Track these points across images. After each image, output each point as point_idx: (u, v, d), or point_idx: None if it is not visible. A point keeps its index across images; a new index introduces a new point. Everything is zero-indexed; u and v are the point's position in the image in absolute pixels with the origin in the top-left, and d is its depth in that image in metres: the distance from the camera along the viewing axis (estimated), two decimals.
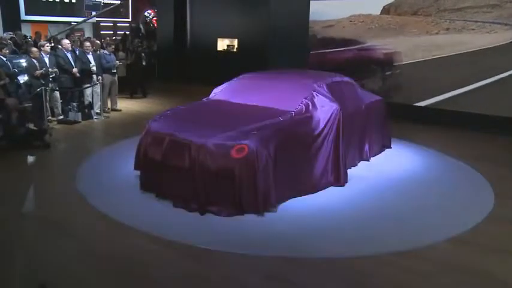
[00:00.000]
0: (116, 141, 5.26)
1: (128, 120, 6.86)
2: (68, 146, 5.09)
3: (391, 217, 3.25)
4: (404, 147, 5.32)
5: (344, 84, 4.54)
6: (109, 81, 7.20)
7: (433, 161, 4.80)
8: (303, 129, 3.57)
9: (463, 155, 4.90)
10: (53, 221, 3.04)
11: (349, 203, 3.48)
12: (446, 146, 5.36)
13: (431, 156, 4.98)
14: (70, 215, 3.14)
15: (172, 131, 3.35)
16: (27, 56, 5.94)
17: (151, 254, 2.63)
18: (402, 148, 5.27)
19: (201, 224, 3.03)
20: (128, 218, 3.06)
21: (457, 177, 4.26)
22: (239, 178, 3.06)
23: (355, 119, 4.21)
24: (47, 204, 3.35)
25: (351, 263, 2.59)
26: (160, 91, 10.02)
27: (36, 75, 5.70)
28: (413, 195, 3.72)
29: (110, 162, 4.42)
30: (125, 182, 3.78)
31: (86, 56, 6.55)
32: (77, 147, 5.03)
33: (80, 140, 5.44)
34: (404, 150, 5.17)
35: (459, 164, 4.68)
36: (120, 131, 5.96)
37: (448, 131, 6.28)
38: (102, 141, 5.42)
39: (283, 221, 3.11)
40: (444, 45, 6.70)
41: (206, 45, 11.46)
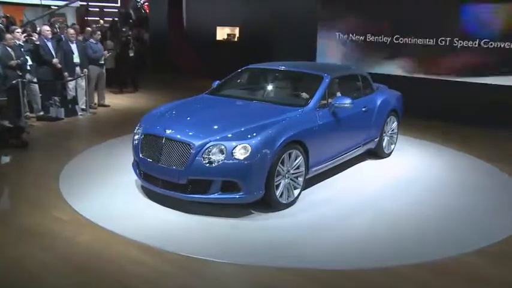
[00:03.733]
0: (103, 140, 5.26)
1: (117, 117, 6.87)
2: (48, 146, 5.08)
3: (409, 225, 3.23)
4: (427, 146, 5.31)
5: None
6: (96, 73, 7.21)
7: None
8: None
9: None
10: (30, 228, 3.03)
11: (359, 208, 3.48)
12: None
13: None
14: (50, 221, 3.14)
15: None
16: (1, 43, 5.74)
17: (143, 266, 2.62)
18: (424, 147, 5.26)
19: (198, 232, 3.03)
20: (117, 225, 3.05)
21: (482, 180, 4.27)
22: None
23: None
24: (23, 209, 3.34)
25: (362, 276, 2.58)
26: (153, 85, 10.05)
27: (11, 65, 5.54)
28: (433, 200, 3.72)
29: (97, 163, 4.42)
30: (114, 186, 3.78)
31: (69, 45, 6.52)
32: (59, 146, 5.02)
33: (63, 138, 5.43)
34: (427, 149, 5.18)
35: (483, 165, 4.69)
36: (108, 129, 5.97)
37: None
38: (88, 140, 5.41)
39: (288, 228, 3.11)
40: None
41: (204, 34, 11.47)
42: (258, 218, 3.28)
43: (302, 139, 3.45)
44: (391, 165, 4.70)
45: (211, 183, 3.16)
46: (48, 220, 3.16)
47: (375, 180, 4.22)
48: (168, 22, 11.74)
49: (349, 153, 4.29)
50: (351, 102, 3.81)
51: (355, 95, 4.44)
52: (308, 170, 3.61)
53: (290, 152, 3.37)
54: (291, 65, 4.70)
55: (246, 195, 3.17)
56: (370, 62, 7.52)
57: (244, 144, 3.14)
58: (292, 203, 3.49)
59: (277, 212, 3.36)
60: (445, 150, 5.40)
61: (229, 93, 4.30)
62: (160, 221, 3.17)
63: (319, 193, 3.79)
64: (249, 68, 4.70)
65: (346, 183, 4.09)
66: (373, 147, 4.73)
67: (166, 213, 3.29)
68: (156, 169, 3.33)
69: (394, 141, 5.08)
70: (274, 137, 3.23)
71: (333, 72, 4.26)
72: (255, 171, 3.14)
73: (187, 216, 3.24)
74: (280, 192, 3.35)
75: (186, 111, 3.87)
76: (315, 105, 3.79)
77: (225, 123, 3.43)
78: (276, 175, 3.27)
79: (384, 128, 4.79)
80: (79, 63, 6.62)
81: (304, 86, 4.34)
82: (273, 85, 4.51)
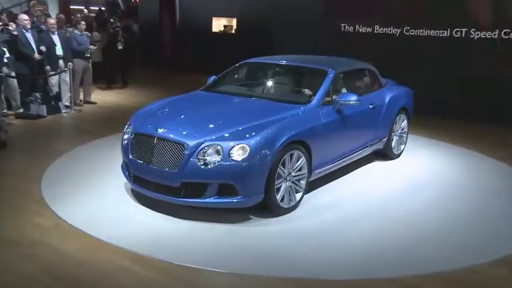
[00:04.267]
0: (89, 140, 5.26)
1: (105, 114, 6.87)
2: (29, 146, 5.08)
3: (420, 232, 3.24)
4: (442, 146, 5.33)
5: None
6: (81, 67, 7.21)
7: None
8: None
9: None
10: (9, 236, 3.02)
11: (366, 213, 3.49)
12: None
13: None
14: (31, 228, 3.13)
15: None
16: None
17: (132, 275, 2.62)
18: (438, 147, 5.28)
19: (192, 239, 3.03)
20: (104, 232, 3.06)
21: (499, 183, 4.29)
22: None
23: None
24: (1, 215, 3.34)
25: (369, 287, 2.58)
26: (143, 80, 10.05)
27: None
28: (446, 204, 3.73)
29: (83, 165, 4.42)
30: (101, 190, 3.79)
31: (50, 36, 6.49)
32: (41, 147, 5.02)
33: (45, 138, 5.43)
34: (441, 150, 5.19)
35: (499, 166, 4.72)
36: (95, 128, 5.96)
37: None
38: (73, 140, 5.41)
39: (289, 235, 3.12)
40: None
41: (199, 25, 11.47)
42: (257, 223, 3.29)
43: (304, 139, 3.46)
44: (401, 167, 4.72)
45: (207, 187, 3.16)
46: (29, 227, 3.16)
47: (382, 183, 4.24)
48: (159, 12, 11.74)
49: (355, 154, 4.31)
50: (357, 99, 3.82)
51: (362, 91, 4.45)
52: (311, 172, 3.62)
53: (291, 153, 3.38)
54: (293, 59, 4.71)
55: (244, 199, 3.18)
56: (378, 56, 7.55)
57: (242, 144, 3.14)
58: (294, 208, 3.50)
59: (278, 217, 3.37)
60: (458, 150, 5.43)
61: (226, 90, 4.31)
62: (151, 227, 3.17)
63: (322, 197, 3.80)
64: (247, 63, 4.71)
65: (351, 186, 4.10)
66: (381, 147, 4.75)
67: (157, 218, 3.29)
68: (147, 171, 3.33)
69: (404, 141, 5.09)
70: (274, 137, 3.24)
71: (338, 66, 4.28)
72: (254, 174, 3.14)
73: (180, 222, 3.25)
74: (281, 196, 3.36)
75: (179, 108, 3.88)
76: (319, 103, 3.80)
77: (221, 122, 3.44)
78: (277, 178, 3.28)
79: (393, 126, 4.80)
80: (62, 56, 6.60)
81: (306, 81, 4.35)
82: (273, 81, 4.52)
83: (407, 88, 5.25)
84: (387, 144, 4.78)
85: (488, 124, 6.50)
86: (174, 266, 2.70)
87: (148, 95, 8.29)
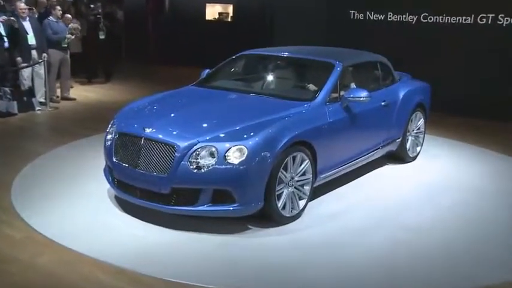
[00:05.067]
0: (67, 141, 5.28)
1: (85, 112, 6.89)
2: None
3: (438, 244, 3.26)
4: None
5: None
6: (57, 59, 7.22)
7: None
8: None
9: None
10: None
11: (378, 223, 3.51)
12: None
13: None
14: (0, 242, 3.13)
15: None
16: None
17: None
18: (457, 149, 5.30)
19: (184, 252, 3.05)
20: (83, 244, 3.07)
21: None
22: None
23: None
24: None
25: None
26: (129, 74, 10.08)
27: None
28: (468, 214, 3.75)
29: (59, 169, 4.43)
30: (80, 197, 3.80)
31: (21, 23, 6.45)
32: (11, 149, 5.02)
33: (16, 139, 5.44)
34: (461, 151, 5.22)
35: None
36: (73, 128, 5.98)
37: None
38: (48, 141, 5.42)
39: (292, 247, 3.13)
40: None
41: (191, 13, 11.52)
42: (256, 234, 3.30)
43: (309, 140, 3.49)
44: (417, 172, 4.75)
45: (200, 193, 3.18)
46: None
47: (396, 189, 4.26)
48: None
49: (366, 157, 4.33)
50: (367, 95, 3.85)
51: (373, 87, 4.48)
52: (316, 176, 3.65)
53: (294, 156, 3.40)
54: (296, 51, 4.74)
55: (241, 206, 3.20)
56: (391, 46, 7.56)
57: (240, 145, 3.16)
58: (297, 217, 3.52)
59: (279, 227, 3.39)
60: (480, 151, 5.46)
61: (221, 85, 4.33)
62: (137, 239, 3.18)
63: (329, 205, 3.82)
64: (245, 55, 4.74)
65: (361, 193, 4.13)
66: (394, 149, 4.78)
67: (144, 229, 3.31)
68: (133, 176, 3.35)
69: (420, 142, 5.12)
70: (275, 137, 3.26)
71: (346, 59, 4.31)
72: (252, 178, 3.16)
73: (169, 232, 3.26)
74: (282, 203, 3.38)
75: (169, 106, 3.90)
76: (325, 99, 3.82)
77: (216, 121, 3.46)
78: (278, 183, 3.30)
79: (408, 126, 4.83)
80: (35, 46, 6.58)
81: (311, 75, 4.37)
82: (274, 75, 4.54)
83: (423, 83, 5.28)
84: (401, 145, 4.81)
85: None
86: (162, 282, 2.71)
87: (134, 91, 8.31)
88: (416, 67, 6.04)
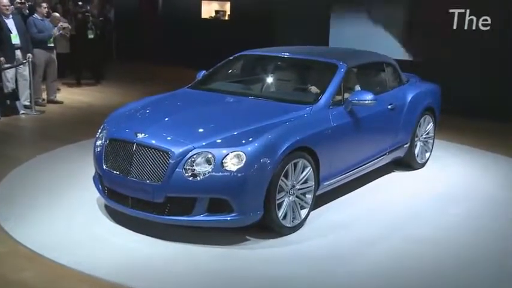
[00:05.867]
0: (54, 147, 5.28)
1: (73, 116, 6.90)
2: None
3: (449, 257, 3.26)
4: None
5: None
6: (43, 59, 7.24)
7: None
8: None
9: None
10: None
11: (385, 234, 3.51)
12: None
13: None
14: None
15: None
16: None
17: None
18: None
19: (179, 265, 3.04)
20: (71, 257, 3.06)
21: None
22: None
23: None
24: None
25: None
26: (120, 76, 10.11)
27: None
28: (482, 224, 3.75)
29: (45, 177, 4.43)
30: (68, 207, 3.80)
31: (3, 21, 6.44)
32: None
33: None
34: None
35: None
36: (60, 133, 5.99)
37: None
38: (33, 147, 5.43)
39: (293, 259, 3.13)
40: None
41: (186, 11, 11.57)
42: (255, 246, 3.30)
43: (311, 145, 3.50)
44: (426, 179, 4.76)
45: (196, 202, 3.18)
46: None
47: (404, 198, 4.27)
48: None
49: (371, 164, 4.35)
50: (373, 98, 3.87)
51: (379, 89, 4.51)
52: (319, 184, 3.66)
53: (296, 162, 3.41)
54: (297, 51, 4.77)
55: (239, 216, 3.20)
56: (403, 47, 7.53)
57: (238, 151, 3.18)
58: (299, 227, 3.52)
59: (280, 238, 3.39)
60: (494, 158, 5.48)
61: (218, 87, 4.35)
62: (129, 251, 3.18)
63: (332, 215, 3.83)
64: (243, 55, 4.76)
65: (367, 202, 4.13)
66: (402, 155, 4.79)
67: (136, 240, 3.30)
68: (124, 184, 3.35)
69: (429, 148, 5.14)
70: (275, 143, 3.28)
71: (351, 59, 4.33)
72: (251, 187, 3.17)
73: (163, 244, 3.26)
74: (283, 213, 3.38)
75: (163, 109, 3.91)
76: (328, 103, 3.84)
77: (212, 126, 3.47)
78: (278, 191, 3.31)
79: (417, 130, 4.86)
80: (19, 46, 6.58)
81: (313, 77, 4.40)
82: (274, 77, 4.57)
83: (433, 84, 5.31)
84: (409, 151, 4.82)
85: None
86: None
87: (125, 93, 8.33)
88: (426, 68, 6.06)
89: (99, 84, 9.27)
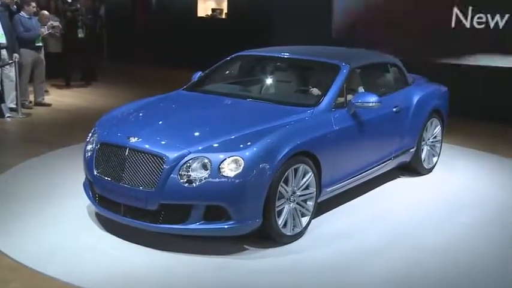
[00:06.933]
0: (42, 152, 5.29)
1: (62, 119, 6.91)
2: None
3: (460, 268, 3.27)
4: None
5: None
6: (30, 59, 7.25)
7: None
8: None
9: None
10: None
11: (390, 244, 3.52)
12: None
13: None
14: None
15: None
16: None
17: None
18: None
19: (174, 276, 3.04)
20: (59, 268, 3.06)
21: None
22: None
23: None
24: None
25: None
26: (112, 77, 10.13)
27: None
28: (494, 233, 3.76)
29: (32, 184, 4.45)
30: (56, 214, 3.81)
31: None
32: None
33: None
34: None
35: None
36: (49, 137, 6.00)
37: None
38: (20, 152, 5.44)
39: (293, 269, 3.14)
40: None
41: (181, 9, 11.62)
42: (254, 255, 3.32)
43: (312, 150, 3.52)
44: (433, 185, 4.77)
45: (191, 210, 3.20)
46: None
47: (410, 205, 4.29)
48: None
49: (376, 169, 4.37)
50: (377, 101, 3.90)
51: (384, 91, 4.54)
52: (320, 191, 3.68)
53: (296, 168, 3.44)
54: (298, 51, 4.80)
55: (237, 225, 3.22)
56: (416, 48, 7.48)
57: (235, 156, 3.20)
58: (299, 236, 3.54)
59: (279, 247, 3.40)
60: (507, 163, 5.48)
61: (214, 89, 4.37)
62: (121, 261, 3.19)
63: (335, 223, 3.84)
64: (241, 56, 4.79)
65: (371, 209, 4.15)
66: (408, 160, 4.82)
67: (129, 250, 3.31)
68: (116, 191, 3.37)
69: (436, 152, 5.17)
70: (275, 147, 3.30)
71: (354, 60, 4.36)
72: (250, 193, 3.19)
73: (158, 254, 3.27)
74: (283, 220, 3.40)
75: (157, 112, 3.93)
76: (330, 105, 3.87)
77: (209, 129, 3.50)
78: (278, 198, 3.33)
79: (423, 134, 4.88)
80: (5, 45, 6.59)
81: (315, 78, 4.43)
82: (274, 78, 4.60)
83: (440, 86, 5.34)
84: (416, 156, 4.85)
85: None
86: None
87: (117, 96, 8.35)
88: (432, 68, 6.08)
89: (90, 85, 9.28)
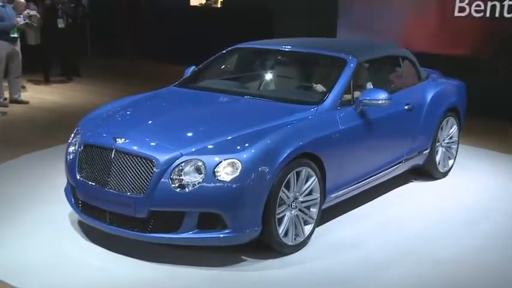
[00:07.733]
0: (18, 155, 5.29)
1: (41, 118, 6.91)
2: None
3: (477, 281, 3.27)
4: None
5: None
6: (5, 52, 7.23)
7: None
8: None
9: None
10: None
11: (401, 255, 3.52)
12: None
13: None
14: None
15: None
16: None
17: None
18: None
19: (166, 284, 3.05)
20: (38, 283, 3.06)
21: None
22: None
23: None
24: None
25: None
26: (96, 71, 10.13)
27: None
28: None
29: (8, 189, 4.45)
30: (35, 223, 3.80)
31: None
32: None
33: None
34: None
35: None
36: (26, 137, 6.00)
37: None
38: None
39: (295, 282, 3.14)
40: None
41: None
42: (252, 267, 3.32)
43: (316, 152, 3.54)
44: (449, 190, 4.78)
45: (184, 217, 3.21)
46: None
47: (424, 212, 4.29)
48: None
49: (386, 173, 4.39)
50: (387, 98, 3.92)
51: (394, 87, 4.56)
52: (325, 196, 3.69)
53: (298, 171, 3.45)
54: (300, 44, 4.81)
55: (234, 233, 3.23)
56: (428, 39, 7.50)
57: (232, 159, 3.20)
58: (302, 246, 3.55)
59: (280, 258, 3.41)
60: None
61: (209, 85, 4.38)
62: (108, 275, 3.19)
63: (341, 231, 3.85)
64: (239, 48, 4.81)
65: (381, 216, 4.16)
66: (420, 163, 4.83)
67: (116, 262, 3.32)
68: (101, 197, 3.38)
69: (452, 155, 5.18)
70: (275, 149, 3.31)
71: (361, 53, 4.37)
72: (248, 199, 3.20)
73: (148, 266, 3.27)
74: (284, 229, 3.41)
75: (146, 111, 3.94)
76: (335, 103, 3.88)
77: (203, 129, 3.51)
78: (279, 204, 3.34)
79: (438, 134, 4.90)
80: None
81: (319, 74, 4.44)
82: (274, 73, 4.61)
83: (457, 81, 5.35)
84: (429, 158, 4.86)
85: None
86: None
87: (102, 93, 8.36)
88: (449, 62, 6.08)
89: (71, 81, 9.28)
